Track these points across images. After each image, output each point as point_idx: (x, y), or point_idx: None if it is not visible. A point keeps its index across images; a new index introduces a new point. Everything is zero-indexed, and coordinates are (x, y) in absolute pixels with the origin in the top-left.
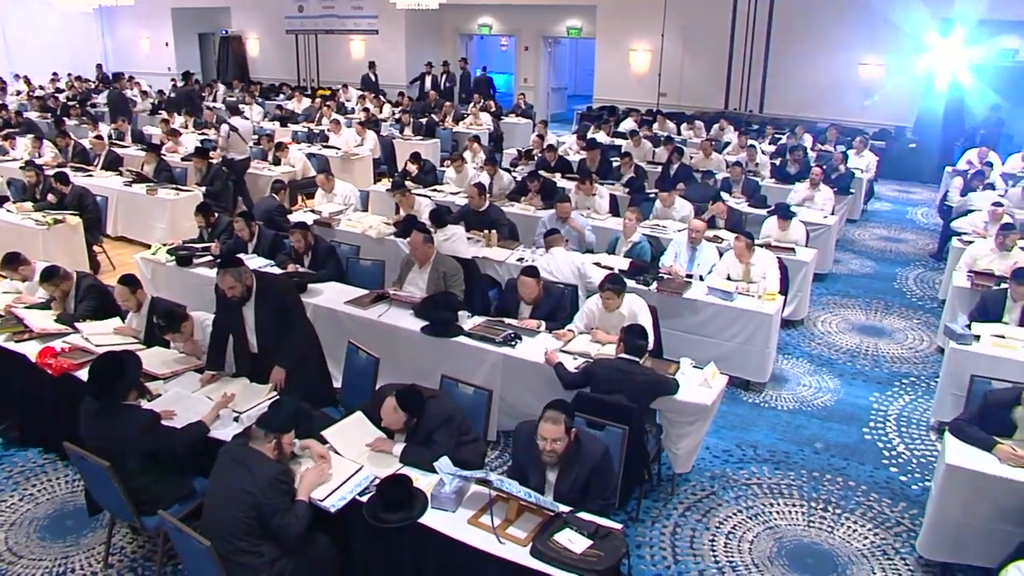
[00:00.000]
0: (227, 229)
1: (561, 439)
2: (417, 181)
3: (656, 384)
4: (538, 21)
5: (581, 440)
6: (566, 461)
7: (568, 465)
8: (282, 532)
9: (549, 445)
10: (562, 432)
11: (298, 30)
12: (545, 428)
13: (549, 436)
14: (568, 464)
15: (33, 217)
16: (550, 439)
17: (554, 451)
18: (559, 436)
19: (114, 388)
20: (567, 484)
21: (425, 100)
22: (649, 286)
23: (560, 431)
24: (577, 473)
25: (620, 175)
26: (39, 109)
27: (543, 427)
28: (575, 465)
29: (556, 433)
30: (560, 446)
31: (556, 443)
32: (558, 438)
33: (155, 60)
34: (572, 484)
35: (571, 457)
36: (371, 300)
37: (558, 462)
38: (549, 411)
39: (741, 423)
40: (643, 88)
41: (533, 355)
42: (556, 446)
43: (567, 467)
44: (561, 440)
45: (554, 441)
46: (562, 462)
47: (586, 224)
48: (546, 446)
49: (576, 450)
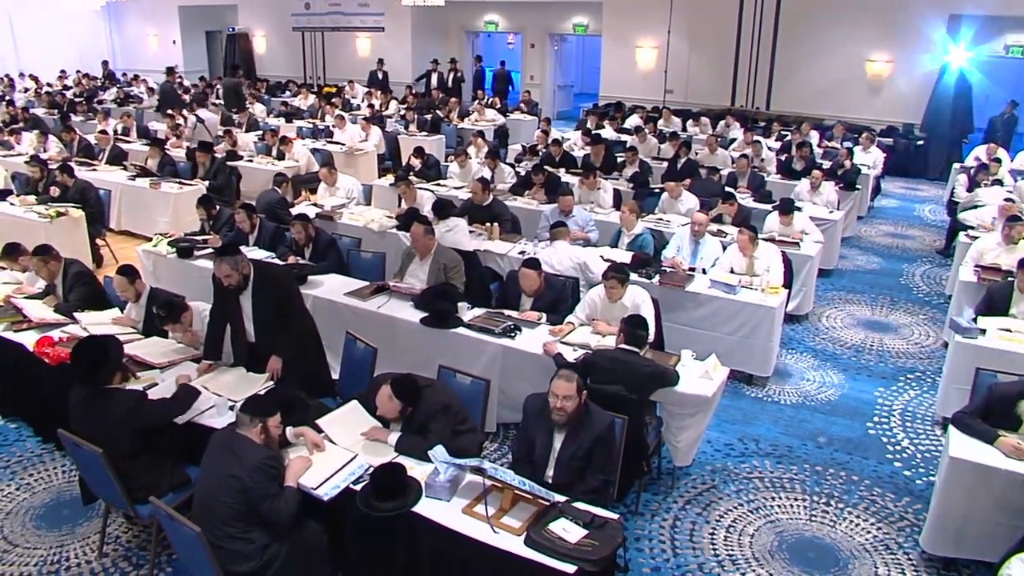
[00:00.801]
0: (228, 221)
1: (572, 397)
2: (420, 175)
3: (656, 375)
4: (544, 18)
5: (590, 408)
6: (574, 425)
7: (575, 429)
8: (271, 517)
9: (560, 402)
10: (574, 390)
11: (305, 27)
12: (558, 384)
13: (561, 392)
14: (575, 428)
15: (36, 210)
16: (561, 395)
17: (564, 409)
18: (570, 394)
19: (98, 372)
20: (571, 449)
21: (430, 97)
22: (652, 279)
23: (572, 389)
24: (583, 439)
25: (625, 169)
26: (47, 106)
27: (556, 383)
28: (582, 430)
29: (568, 390)
30: (570, 405)
31: (567, 401)
32: (569, 395)
33: (162, 57)
34: (576, 450)
35: (579, 421)
36: (371, 292)
37: (567, 423)
38: (562, 370)
39: (743, 417)
40: (649, 85)
41: (532, 347)
42: (567, 404)
43: (574, 431)
44: (572, 399)
45: (565, 398)
46: (570, 424)
47: (588, 219)
48: (557, 403)
49: (585, 416)
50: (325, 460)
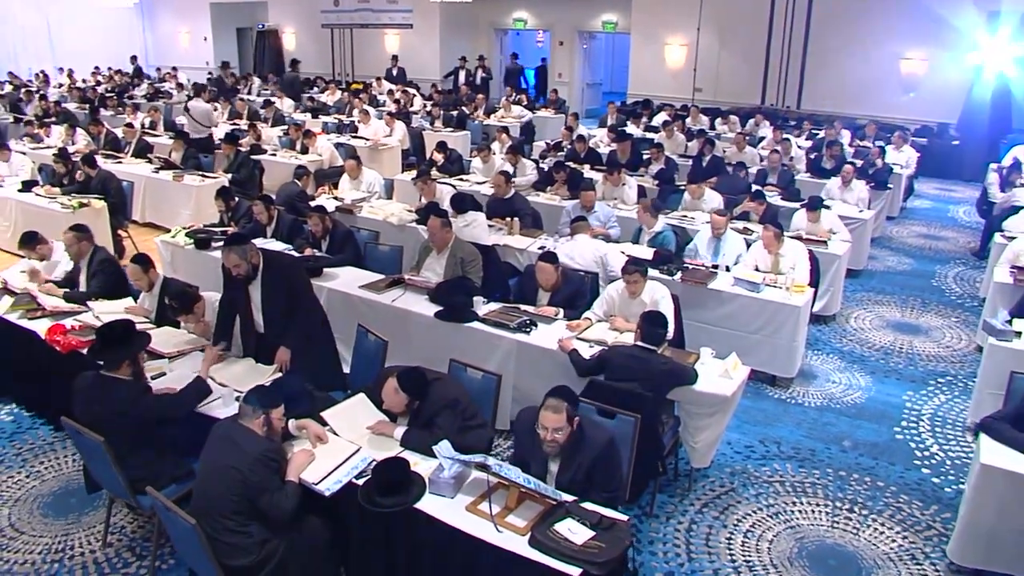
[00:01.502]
0: (247, 213)
1: (563, 429)
2: (443, 170)
3: (673, 373)
4: (573, 15)
5: (585, 429)
6: (568, 451)
7: (570, 456)
8: (271, 511)
9: (550, 435)
10: (563, 421)
11: (334, 24)
12: (546, 417)
13: (550, 425)
14: (570, 455)
15: (60, 201)
16: (551, 428)
17: (555, 441)
18: (560, 425)
19: (111, 352)
20: (569, 475)
21: (457, 93)
22: (673, 276)
23: (562, 420)
24: (580, 464)
25: (650, 166)
26: (78, 100)
27: (544, 416)
28: (578, 454)
29: (557, 422)
30: (562, 436)
31: (557, 433)
32: (559, 427)
33: (194, 54)
34: (574, 475)
35: (574, 447)
36: (386, 285)
37: (560, 452)
38: (550, 399)
39: (765, 419)
40: (678, 83)
41: (548, 342)
42: (557, 436)
43: (569, 458)
44: (563, 430)
45: (555, 431)
46: (564, 452)
47: (610, 215)
48: (547, 436)
49: (579, 440)
50: (328, 454)
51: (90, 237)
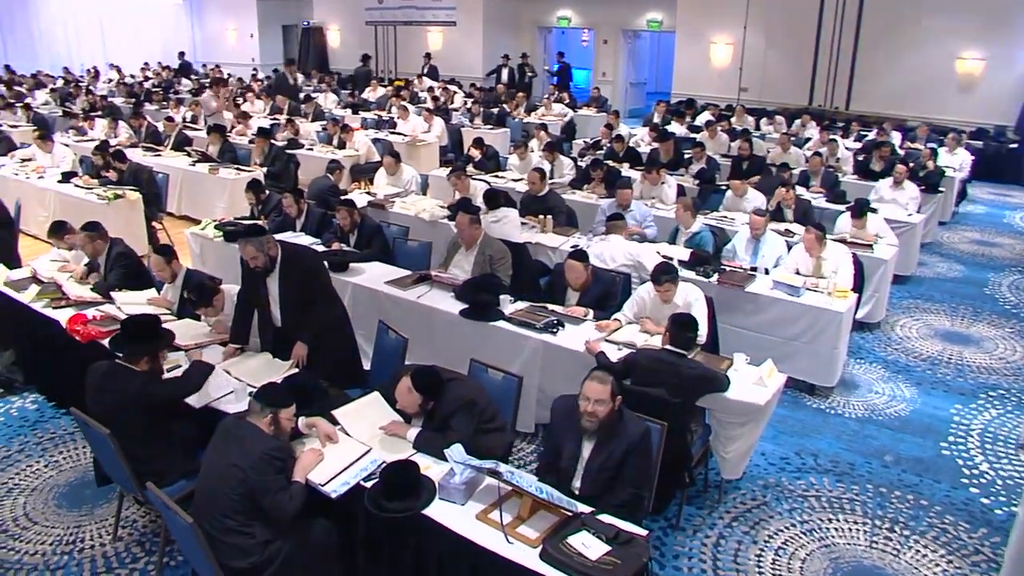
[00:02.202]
0: (277, 206)
1: (605, 402)
2: (479, 167)
3: (703, 379)
4: (618, 13)
5: (624, 415)
6: (605, 432)
7: (606, 437)
8: (273, 512)
9: (591, 406)
10: (607, 394)
11: (377, 21)
12: (590, 386)
13: (593, 395)
14: (606, 436)
15: (96, 192)
16: (593, 399)
17: (595, 414)
18: (603, 397)
19: (132, 346)
20: (601, 459)
21: (497, 91)
22: (709, 278)
23: (606, 392)
24: (614, 448)
25: (691, 165)
26: (125, 95)
27: (588, 385)
28: (614, 439)
29: (601, 393)
30: (602, 410)
31: (599, 405)
32: (602, 399)
33: (240, 51)
34: (606, 460)
35: (611, 429)
36: (413, 281)
37: (597, 430)
38: (596, 371)
39: (802, 429)
40: (723, 82)
41: (575, 344)
42: (598, 409)
43: (605, 439)
44: (604, 403)
45: (597, 402)
46: (601, 432)
47: (647, 215)
48: (588, 407)
49: (618, 422)
50: (337, 454)
51: (104, 235)
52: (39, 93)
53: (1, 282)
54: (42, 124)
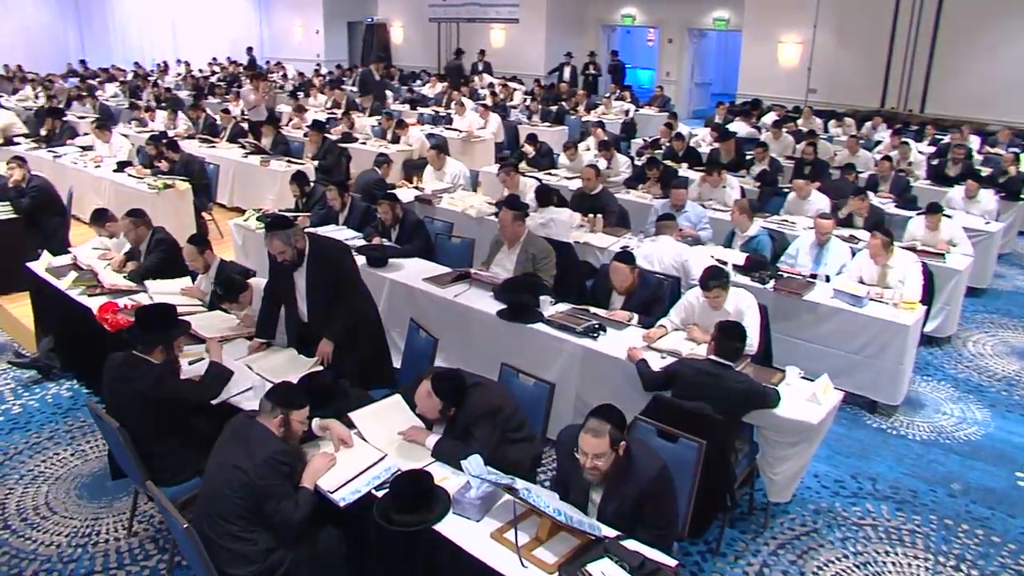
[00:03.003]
0: (321, 199)
1: (605, 455)
2: (532, 164)
3: (750, 394)
4: (683, 12)
5: (634, 456)
6: (613, 481)
7: (615, 485)
8: (277, 519)
9: (590, 461)
10: (606, 447)
11: (441, 18)
12: (585, 440)
13: (590, 451)
14: (615, 484)
15: (147, 181)
16: (591, 454)
17: (596, 469)
18: (602, 451)
19: (146, 335)
20: (612, 506)
21: (558, 88)
22: (765, 284)
23: (603, 445)
24: (626, 495)
25: (752, 167)
26: (191, 88)
27: (583, 439)
28: (623, 486)
29: (598, 448)
30: (604, 463)
31: (598, 460)
32: (601, 454)
33: (306, 47)
34: (619, 508)
35: (620, 476)
36: (452, 279)
37: (603, 481)
38: (592, 420)
39: (861, 450)
40: (790, 83)
41: (616, 350)
42: (598, 463)
43: (614, 487)
44: (605, 456)
45: (596, 457)
46: (608, 482)
47: (702, 216)
48: (586, 462)
49: (627, 468)
50: (350, 459)
51: (147, 222)
52: (109, 86)
53: (43, 268)
54: (106, 115)
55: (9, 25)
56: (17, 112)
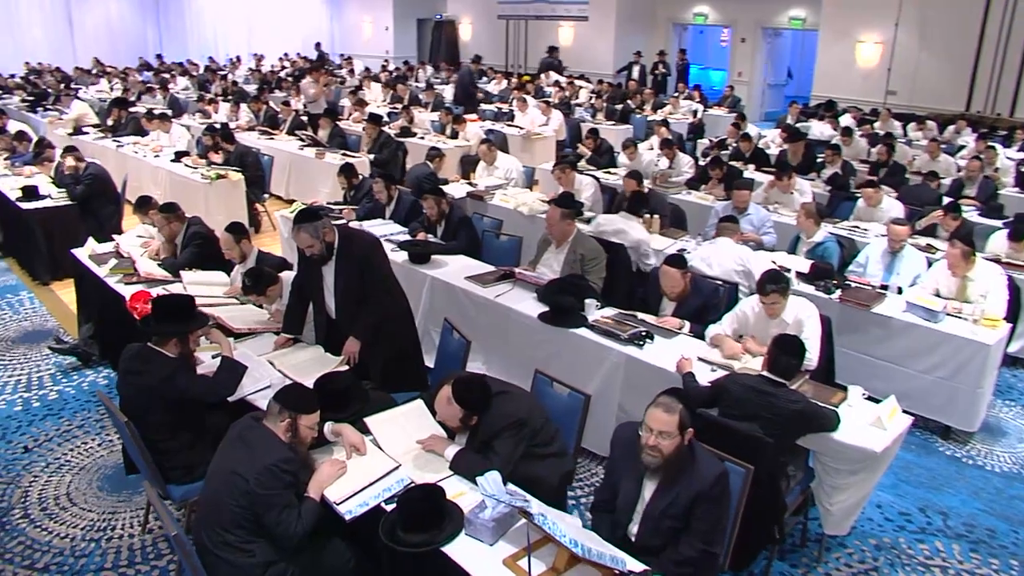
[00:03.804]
0: (368, 192)
1: (671, 435)
2: (591, 162)
3: (805, 415)
4: (758, 10)
5: (696, 452)
6: (670, 471)
7: (672, 478)
8: (276, 530)
9: (654, 438)
10: (674, 425)
11: (509, 15)
12: (654, 415)
13: (656, 425)
14: (672, 477)
15: (200, 171)
16: (657, 430)
17: (658, 448)
18: (669, 429)
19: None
20: (664, 504)
21: (625, 87)
22: (831, 294)
23: (672, 423)
24: (680, 492)
25: (823, 170)
26: (259, 82)
27: (651, 413)
28: (681, 481)
29: (666, 423)
30: (667, 445)
31: (663, 438)
32: (667, 431)
33: (375, 43)
34: (670, 507)
35: (678, 468)
36: (496, 278)
37: (660, 467)
38: (665, 396)
39: (931, 480)
40: (868, 84)
41: (663, 360)
42: (662, 443)
43: (669, 480)
44: (670, 437)
45: (661, 434)
46: (665, 471)
47: (766, 219)
48: (650, 439)
49: (687, 461)
50: (361, 468)
51: (180, 216)
52: (181, 79)
53: (87, 255)
54: (175, 106)
55: (93, 21)
56: (91, 104)
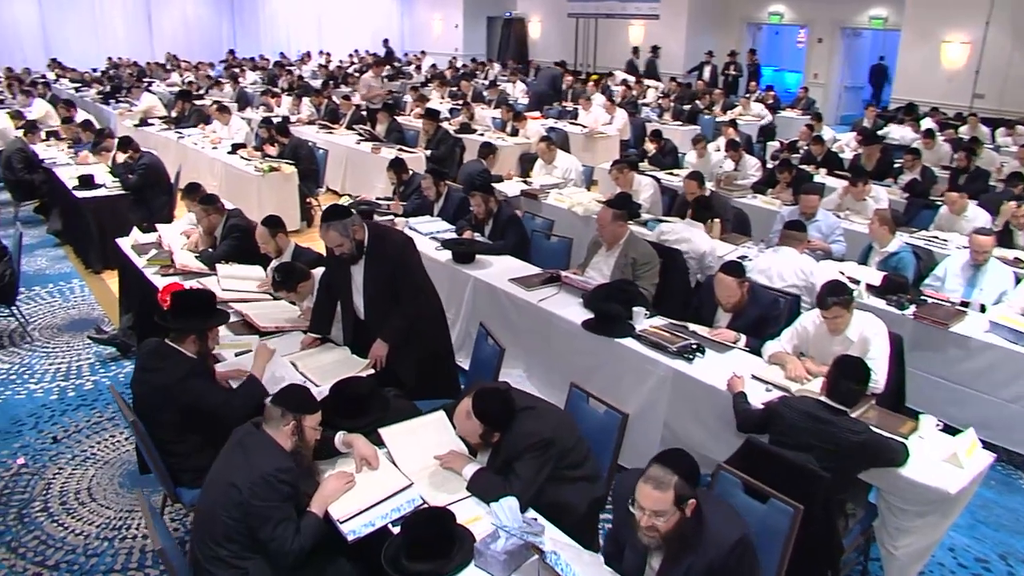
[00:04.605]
0: (418, 188)
1: (666, 514)
2: (654, 162)
3: (869, 448)
4: (837, 9)
5: (706, 518)
6: (675, 544)
7: (679, 551)
8: (271, 546)
9: (647, 519)
10: (669, 503)
11: (579, 14)
12: (643, 492)
13: (648, 505)
14: (678, 550)
15: (253, 164)
16: (648, 510)
17: (653, 529)
18: (663, 508)
19: (179, 321)
20: None
21: (696, 87)
22: (904, 310)
23: (666, 501)
24: (693, 564)
25: (901, 176)
26: (326, 77)
27: (641, 490)
28: (688, 554)
29: (659, 503)
30: (664, 524)
31: (658, 518)
32: (661, 511)
33: (444, 41)
34: None
35: (684, 540)
36: (541, 281)
37: (662, 544)
38: (655, 467)
39: (1015, 523)
40: (953, 87)
41: (714, 376)
42: (657, 523)
43: (676, 554)
44: (666, 515)
45: (655, 514)
46: (669, 546)
47: (835, 226)
48: (643, 519)
49: (695, 532)
50: (371, 484)
51: (219, 208)
52: (251, 74)
53: (130, 245)
54: (241, 100)
55: (171, 17)
56: (161, 96)
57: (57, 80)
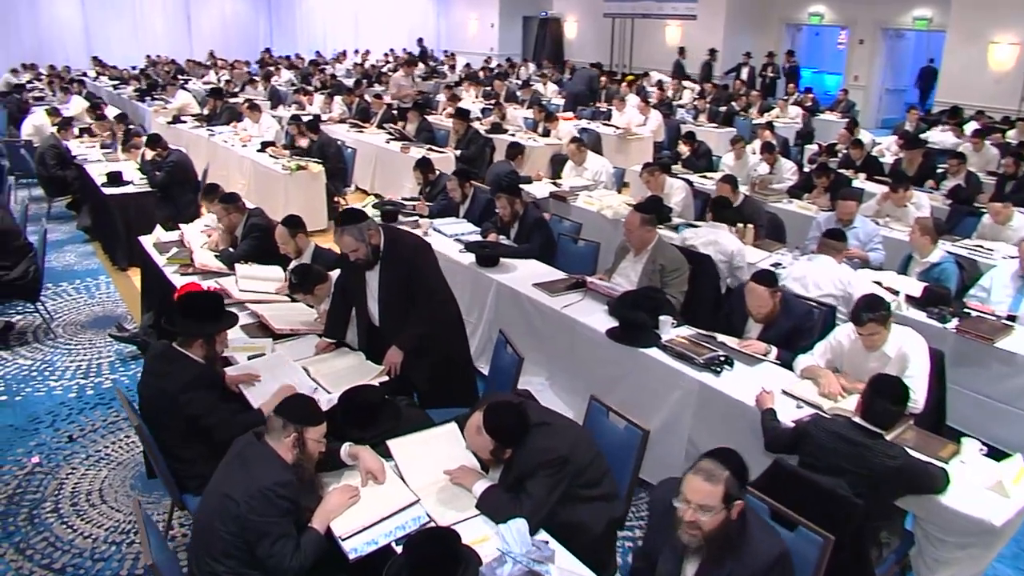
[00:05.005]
0: (444, 189)
1: (713, 510)
2: (688, 165)
3: (905, 474)
4: (879, 10)
5: (749, 525)
6: (714, 549)
7: (716, 558)
8: (268, 563)
9: (691, 513)
10: (717, 499)
11: (616, 14)
12: (692, 484)
13: (695, 498)
14: (717, 556)
15: (281, 162)
16: (695, 503)
17: (696, 525)
18: (711, 503)
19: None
20: None
21: (733, 88)
22: (946, 323)
23: (715, 495)
24: (732, 574)
25: (944, 181)
26: (360, 75)
27: (690, 481)
28: (728, 561)
29: (708, 497)
30: (709, 521)
31: (704, 513)
32: (708, 506)
33: (480, 40)
34: None
35: (725, 545)
36: (566, 287)
37: (702, 546)
38: (707, 460)
39: None
40: (1001, 90)
41: (742, 390)
42: (702, 518)
43: (714, 560)
44: (712, 511)
45: (700, 508)
46: (708, 550)
47: (874, 233)
48: (687, 512)
49: (737, 538)
50: (376, 499)
51: (240, 207)
52: (286, 72)
53: (152, 242)
54: (274, 97)
55: (209, 16)
56: (196, 94)
57: (97, 78)
